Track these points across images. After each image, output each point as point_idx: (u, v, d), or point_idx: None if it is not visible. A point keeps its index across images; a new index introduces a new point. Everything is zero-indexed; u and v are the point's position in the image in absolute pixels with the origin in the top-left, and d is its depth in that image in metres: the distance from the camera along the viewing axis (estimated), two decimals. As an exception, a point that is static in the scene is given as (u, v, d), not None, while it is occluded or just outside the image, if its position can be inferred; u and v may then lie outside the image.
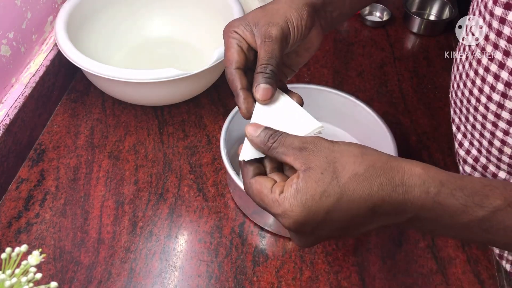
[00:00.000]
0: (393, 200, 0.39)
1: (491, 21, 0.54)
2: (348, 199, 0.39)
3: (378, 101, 0.88)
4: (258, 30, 0.51)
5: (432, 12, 1.08)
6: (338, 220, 0.40)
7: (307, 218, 0.39)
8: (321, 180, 0.39)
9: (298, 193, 0.39)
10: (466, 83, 0.62)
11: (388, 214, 0.40)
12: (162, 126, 0.82)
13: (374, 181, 0.39)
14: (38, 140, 0.79)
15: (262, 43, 0.50)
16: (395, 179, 0.39)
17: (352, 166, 0.39)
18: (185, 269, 0.65)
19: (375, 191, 0.39)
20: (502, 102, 0.56)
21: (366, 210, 0.39)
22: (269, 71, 0.50)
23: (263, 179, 0.43)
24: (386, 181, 0.39)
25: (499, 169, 0.63)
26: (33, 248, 0.65)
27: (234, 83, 0.50)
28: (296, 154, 0.41)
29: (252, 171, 0.45)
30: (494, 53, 0.55)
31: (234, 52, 0.52)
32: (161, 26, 0.96)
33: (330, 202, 0.39)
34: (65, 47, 0.76)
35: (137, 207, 0.71)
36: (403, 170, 0.40)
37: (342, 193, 0.39)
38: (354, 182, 0.39)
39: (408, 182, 0.39)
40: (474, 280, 0.65)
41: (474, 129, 0.64)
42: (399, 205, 0.39)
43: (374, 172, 0.39)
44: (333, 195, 0.39)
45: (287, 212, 0.39)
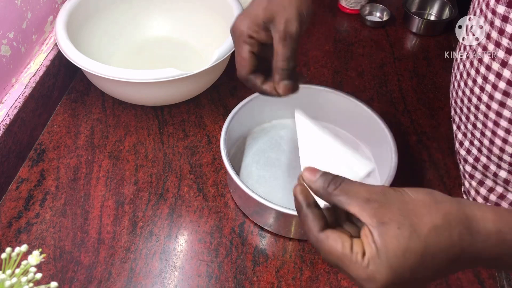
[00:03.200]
0: (473, 249, 0.37)
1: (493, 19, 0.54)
2: (432, 253, 0.36)
3: (378, 101, 0.88)
4: (274, 26, 0.52)
5: (432, 12, 1.08)
6: (423, 276, 0.37)
7: (394, 280, 0.36)
8: (400, 236, 0.36)
9: (381, 252, 0.36)
10: (467, 82, 0.62)
11: (466, 263, 0.38)
12: (162, 126, 0.82)
13: (453, 231, 0.37)
14: (38, 140, 0.79)
15: (281, 40, 0.51)
16: (472, 227, 0.37)
17: (429, 217, 0.36)
18: (185, 269, 0.65)
19: (456, 242, 0.36)
20: (503, 101, 0.56)
21: (448, 262, 0.37)
22: (291, 67, 0.52)
23: (337, 235, 0.38)
24: (465, 230, 0.37)
25: (500, 168, 0.63)
26: (33, 248, 0.65)
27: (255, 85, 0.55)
28: (363, 205, 0.38)
29: (319, 221, 0.40)
30: (496, 51, 0.55)
31: (247, 58, 0.53)
32: (161, 26, 0.96)
33: (415, 259, 0.36)
34: (65, 47, 0.76)
35: (137, 207, 0.71)
36: (477, 218, 0.38)
37: (425, 248, 0.36)
38: (435, 234, 0.36)
39: (484, 231, 0.37)
40: (474, 280, 0.65)
41: (475, 128, 0.64)
42: (478, 254, 0.37)
43: (451, 222, 0.37)
44: (416, 252, 0.36)
45: (374, 276, 0.36)
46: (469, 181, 0.70)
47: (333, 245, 0.38)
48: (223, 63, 0.80)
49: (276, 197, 0.71)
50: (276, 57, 0.52)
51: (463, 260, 0.37)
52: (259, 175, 0.74)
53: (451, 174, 0.77)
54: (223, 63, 0.80)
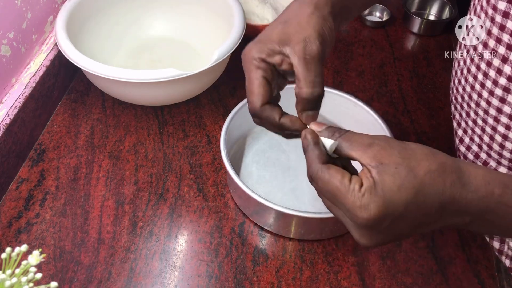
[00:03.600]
0: (462, 198, 0.39)
1: (494, 15, 0.54)
2: (425, 193, 0.38)
3: (378, 101, 0.88)
4: (292, 48, 0.45)
5: (432, 12, 1.08)
6: (414, 216, 0.39)
7: (387, 211, 0.38)
8: (397, 174, 0.38)
9: (377, 185, 0.38)
10: (468, 78, 0.63)
11: (455, 214, 0.40)
12: (162, 126, 0.82)
13: (447, 178, 0.39)
14: (38, 140, 0.79)
15: (302, 62, 0.45)
16: (464, 178, 0.39)
17: (426, 162, 0.39)
18: (185, 269, 0.65)
19: (447, 188, 0.39)
20: (504, 97, 0.57)
21: (438, 207, 0.39)
22: (317, 95, 0.45)
23: (337, 168, 0.40)
24: (457, 179, 0.39)
25: (499, 164, 0.63)
26: (33, 248, 0.65)
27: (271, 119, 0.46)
28: (364, 149, 0.40)
29: (323, 157, 0.41)
30: (497, 47, 0.55)
31: (260, 86, 0.46)
32: (161, 26, 0.96)
33: (409, 195, 0.38)
34: (65, 47, 0.76)
35: (137, 207, 0.71)
36: (470, 171, 0.40)
37: (419, 187, 0.38)
38: (429, 177, 0.39)
39: (474, 182, 0.39)
40: (474, 280, 0.65)
41: (475, 125, 0.64)
42: (466, 204, 0.39)
43: (446, 169, 0.39)
44: (411, 189, 0.38)
45: (368, 204, 0.38)
46: None
47: (333, 174, 0.40)
48: (223, 63, 0.80)
49: (276, 197, 0.71)
50: (298, 83, 0.45)
51: (452, 208, 0.39)
52: (259, 175, 0.74)
53: (451, 174, 0.77)
54: (223, 63, 0.80)
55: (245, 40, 0.80)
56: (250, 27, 0.92)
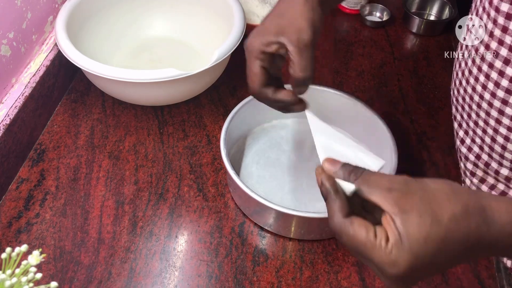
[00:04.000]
0: (489, 238, 0.38)
1: (497, 17, 0.54)
2: (451, 241, 0.38)
3: (378, 101, 0.88)
4: (287, 38, 0.52)
5: (432, 12, 1.08)
6: (441, 262, 0.38)
7: (416, 265, 0.37)
8: (422, 223, 0.37)
9: (403, 239, 0.37)
10: (469, 80, 0.62)
11: (483, 251, 0.39)
12: (162, 126, 0.82)
13: (471, 220, 0.38)
14: (38, 140, 0.79)
15: (296, 50, 0.52)
16: (489, 218, 0.38)
17: (448, 206, 0.38)
18: (185, 269, 0.65)
19: (473, 231, 0.38)
20: (506, 99, 0.56)
21: (466, 249, 0.38)
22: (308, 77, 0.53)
23: (361, 221, 0.40)
24: (481, 220, 0.38)
25: (501, 166, 0.63)
26: (33, 248, 0.65)
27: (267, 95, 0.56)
28: (384, 194, 0.39)
29: (346, 207, 0.41)
30: (499, 49, 0.55)
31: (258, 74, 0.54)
32: (161, 26, 0.96)
33: (436, 245, 0.37)
34: (65, 47, 0.76)
35: (137, 207, 0.71)
36: (493, 208, 0.39)
37: (445, 235, 0.37)
38: (454, 223, 0.38)
39: (500, 221, 0.39)
40: (474, 280, 0.65)
41: (476, 126, 0.64)
42: (494, 243, 0.39)
43: (469, 212, 0.38)
44: (437, 239, 0.37)
45: (397, 261, 0.37)
46: (470, 178, 0.70)
47: (358, 230, 0.39)
48: (223, 63, 0.80)
49: (276, 197, 0.71)
50: (293, 67, 0.52)
51: (479, 248, 0.39)
52: (259, 175, 0.74)
53: (451, 174, 0.77)
54: (223, 63, 0.80)
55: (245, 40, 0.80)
56: (250, 27, 0.92)
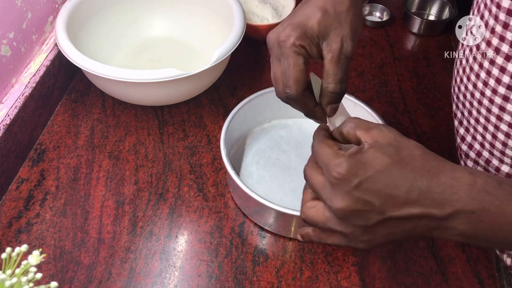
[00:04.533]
0: (440, 183, 0.39)
1: (498, 13, 0.54)
2: (400, 168, 0.39)
3: (378, 101, 0.88)
4: (329, 44, 0.48)
5: (432, 12, 1.08)
6: (383, 184, 0.39)
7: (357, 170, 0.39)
8: (382, 148, 0.40)
9: (359, 153, 0.40)
10: (470, 77, 0.62)
11: (432, 202, 0.39)
12: (162, 126, 0.82)
13: (428, 162, 0.40)
14: (38, 140, 0.79)
15: (335, 60, 0.48)
16: (446, 166, 0.40)
17: (414, 148, 0.41)
18: (185, 269, 0.65)
19: (426, 170, 0.39)
20: (507, 95, 0.56)
21: (413, 186, 0.39)
22: (342, 90, 0.49)
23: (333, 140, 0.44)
24: (438, 165, 0.40)
25: (502, 163, 0.63)
26: (33, 248, 0.65)
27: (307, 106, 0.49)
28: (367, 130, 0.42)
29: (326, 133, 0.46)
30: (500, 45, 0.55)
31: (301, 72, 0.47)
32: (161, 26, 0.96)
33: (383, 164, 0.39)
34: (65, 47, 0.76)
35: (137, 207, 0.71)
36: (454, 165, 0.40)
37: (396, 162, 0.39)
38: (411, 157, 0.40)
39: (457, 173, 0.39)
40: (473, 280, 0.65)
41: (477, 123, 0.64)
42: (444, 191, 0.39)
43: (430, 157, 0.40)
44: (387, 159, 0.39)
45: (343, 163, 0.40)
46: None
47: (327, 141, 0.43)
48: (223, 63, 0.80)
49: (276, 197, 0.71)
50: (327, 78, 0.48)
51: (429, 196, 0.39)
52: (259, 175, 0.74)
53: (451, 174, 0.77)
54: (223, 63, 0.80)
55: (245, 40, 0.80)
56: (250, 27, 0.92)
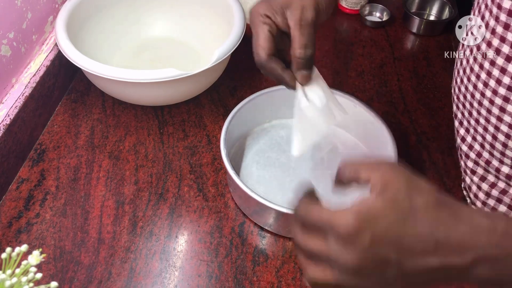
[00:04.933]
0: (459, 231, 0.37)
1: (499, 14, 0.54)
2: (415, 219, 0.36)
3: (378, 101, 0.88)
4: (291, 12, 0.51)
5: (432, 12, 1.08)
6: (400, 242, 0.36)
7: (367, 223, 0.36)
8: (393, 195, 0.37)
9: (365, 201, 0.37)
10: (470, 77, 0.62)
11: (451, 251, 0.37)
12: (162, 126, 0.82)
13: (443, 212, 0.37)
14: (38, 140, 0.79)
15: (298, 27, 0.51)
16: (463, 214, 0.38)
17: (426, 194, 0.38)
18: (185, 269, 0.65)
19: (442, 221, 0.37)
20: (508, 96, 0.56)
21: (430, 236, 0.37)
22: (309, 56, 0.51)
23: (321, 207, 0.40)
24: (454, 214, 0.37)
25: (502, 163, 0.63)
26: (33, 248, 0.65)
27: (274, 70, 0.52)
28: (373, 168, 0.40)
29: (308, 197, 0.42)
30: (501, 46, 0.55)
31: (266, 39, 0.52)
32: (161, 26, 0.96)
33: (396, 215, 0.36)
34: (65, 47, 0.76)
35: (137, 207, 0.71)
36: (471, 209, 0.38)
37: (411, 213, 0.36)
38: (425, 204, 0.37)
39: (476, 219, 0.37)
40: (474, 280, 0.65)
41: (477, 124, 0.64)
42: (464, 239, 0.37)
43: (443, 204, 0.38)
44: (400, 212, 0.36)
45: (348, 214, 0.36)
46: (471, 176, 0.70)
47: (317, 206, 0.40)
48: (223, 63, 0.80)
49: (276, 197, 0.71)
50: (293, 44, 0.51)
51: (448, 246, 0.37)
52: (259, 175, 0.74)
53: (451, 174, 0.77)
54: (223, 63, 0.80)
55: (245, 40, 0.80)
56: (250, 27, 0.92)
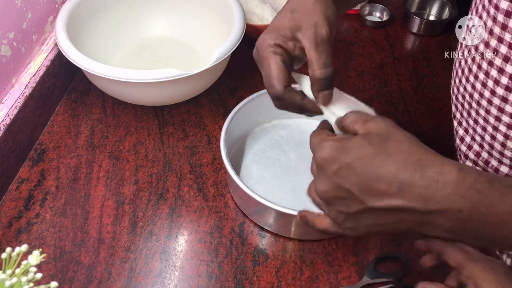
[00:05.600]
0: (425, 177, 0.38)
1: (496, 15, 0.54)
2: (383, 158, 0.39)
3: (378, 101, 0.88)
4: (303, 33, 0.49)
5: (432, 12, 1.08)
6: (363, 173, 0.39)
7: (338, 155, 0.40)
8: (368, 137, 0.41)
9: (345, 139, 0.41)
10: (469, 77, 0.62)
11: (415, 196, 0.38)
12: (162, 126, 0.82)
13: (415, 155, 0.39)
14: (38, 140, 0.79)
15: (313, 46, 0.48)
16: (435, 160, 0.39)
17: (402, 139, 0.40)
18: (185, 269, 0.65)
19: (411, 163, 0.38)
20: (506, 96, 0.56)
21: (395, 178, 0.38)
22: (330, 75, 0.49)
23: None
24: (426, 158, 0.39)
25: (501, 163, 0.63)
26: (33, 248, 0.65)
27: (294, 100, 0.50)
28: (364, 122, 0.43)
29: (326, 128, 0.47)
30: (499, 46, 0.55)
31: (280, 70, 0.49)
32: (161, 26, 0.96)
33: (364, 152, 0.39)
34: (65, 47, 0.76)
35: (137, 207, 0.71)
36: (444, 160, 0.39)
37: (379, 151, 0.39)
38: (396, 148, 0.39)
39: (446, 166, 0.38)
40: (474, 280, 0.65)
41: (476, 124, 0.64)
42: (429, 184, 0.37)
43: (418, 149, 0.39)
44: (369, 148, 0.39)
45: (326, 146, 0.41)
46: None
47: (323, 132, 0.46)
48: (223, 63, 0.81)
49: (276, 197, 0.71)
50: (311, 66, 0.48)
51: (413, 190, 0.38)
52: (259, 175, 0.74)
53: (451, 174, 0.77)
54: (223, 63, 0.80)
55: (245, 40, 0.80)
56: (250, 27, 0.92)
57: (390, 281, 0.64)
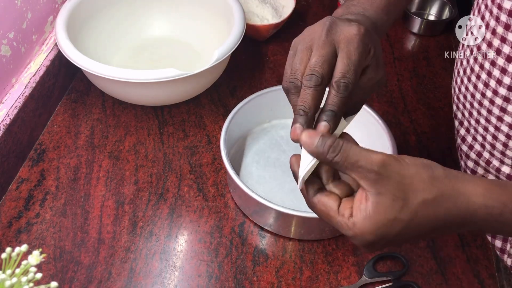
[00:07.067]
0: (457, 220, 0.40)
1: (499, 14, 0.54)
2: (416, 224, 0.40)
3: (378, 101, 0.88)
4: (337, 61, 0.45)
5: (432, 12, 1.08)
6: (405, 239, 0.41)
7: (377, 240, 0.40)
8: (392, 207, 0.39)
9: (369, 220, 0.39)
10: (471, 77, 0.62)
11: (449, 229, 0.42)
12: (162, 126, 0.82)
13: (441, 206, 0.40)
14: (38, 140, 0.79)
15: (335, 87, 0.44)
16: (461, 204, 0.40)
17: (422, 193, 0.39)
18: (185, 269, 0.65)
19: (441, 215, 0.40)
20: (508, 96, 0.56)
21: (431, 230, 0.41)
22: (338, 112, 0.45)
23: (326, 199, 0.42)
24: (452, 206, 0.40)
25: (502, 163, 0.63)
26: (33, 248, 0.65)
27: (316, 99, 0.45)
28: (364, 173, 0.39)
29: (312, 189, 0.43)
30: (502, 46, 0.55)
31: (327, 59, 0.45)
32: (161, 26, 0.96)
33: (400, 227, 0.40)
34: (65, 47, 0.76)
35: (137, 207, 0.71)
36: (468, 193, 0.40)
37: (411, 220, 0.39)
38: (423, 209, 0.39)
39: (472, 206, 0.40)
40: (473, 280, 0.65)
41: (478, 124, 0.64)
42: (461, 223, 0.41)
43: (442, 199, 0.40)
44: (403, 222, 0.39)
45: (357, 237, 0.40)
46: None
47: (322, 209, 0.42)
48: (223, 63, 0.80)
49: (276, 197, 0.71)
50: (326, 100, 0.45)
51: (446, 228, 0.41)
52: (259, 175, 0.74)
53: (451, 174, 0.77)
54: (223, 63, 0.80)
55: (245, 40, 0.80)
56: (250, 27, 0.92)
57: (389, 280, 0.64)
